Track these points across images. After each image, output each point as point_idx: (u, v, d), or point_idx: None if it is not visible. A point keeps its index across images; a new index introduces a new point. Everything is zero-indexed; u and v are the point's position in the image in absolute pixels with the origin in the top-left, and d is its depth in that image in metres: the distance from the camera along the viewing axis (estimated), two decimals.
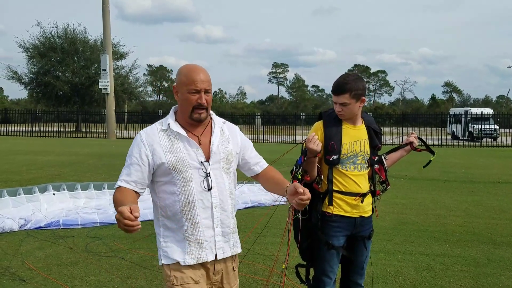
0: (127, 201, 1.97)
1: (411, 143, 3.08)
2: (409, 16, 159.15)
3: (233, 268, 2.30)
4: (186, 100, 2.13)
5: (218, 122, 2.28)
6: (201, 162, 2.13)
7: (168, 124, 2.17)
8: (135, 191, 2.12)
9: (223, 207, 2.17)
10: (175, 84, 2.22)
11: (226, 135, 2.27)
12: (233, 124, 2.40)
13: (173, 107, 2.31)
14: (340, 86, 2.73)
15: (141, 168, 2.11)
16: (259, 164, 2.40)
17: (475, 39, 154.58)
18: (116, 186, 2.12)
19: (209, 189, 2.12)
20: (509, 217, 7.12)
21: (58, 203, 7.05)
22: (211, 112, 2.26)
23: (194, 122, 2.16)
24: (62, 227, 6.05)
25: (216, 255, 2.16)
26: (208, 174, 2.13)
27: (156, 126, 2.20)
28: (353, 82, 2.72)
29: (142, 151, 2.12)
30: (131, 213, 1.74)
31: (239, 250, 2.30)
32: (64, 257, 4.90)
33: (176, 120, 2.20)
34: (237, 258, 2.34)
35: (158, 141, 2.13)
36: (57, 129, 32.93)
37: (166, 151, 2.11)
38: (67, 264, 4.69)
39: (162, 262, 2.17)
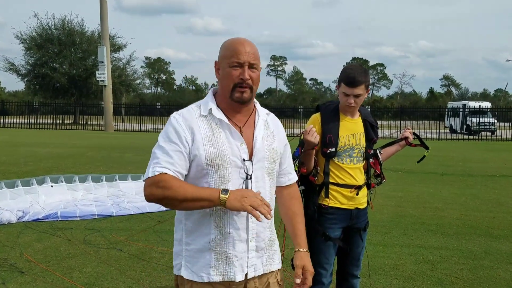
0: (188, 184, 1.69)
1: (406, 138, 3.11)
2: (408, 9, 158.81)
3: (278, 281, 1.91)
4: (226, 76, 1.73)
5: (262, 113, 1.88)
6: (244, 160, 1.73)
7: (210, 109, 1.76)
8: None
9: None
10: (216, 59, 1.83)
11: (271, 129, 1.88)
12: (277, 118, 1.98)
13: (211, 89, 1.90)
14: (357, 78, 2.71)
15: (184, 156, 1.69)
16: (289, 176, 2.00)
17: (474, 33, 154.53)
18: (157, 173, 1.65)
19: None
20: (506, 210, 7.15)
21: (56, 195, 7.05)
22: (255, 100, 1.86)
23: (235, 104, 1.76)
24: (60, 219, 6.05)
25: (246, 274, 1.78)
26: (249, 176, 1.74)
27: (194, 110, 1.77)
28: (365, 73, 2.75)
29: (182, 136, 1.70)
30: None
31: (274, 267, 1.89)
32: (62, 249, 4.90)
33: (217, 104, 1.80)
34: (280, 273, 1.95)
35: (198, 127, 1.72)
36: (54, 121, 32.85)
37: (206, 141, 1.70)
38: (65, 256, 4.69)
39: (181, 273, 1.84)
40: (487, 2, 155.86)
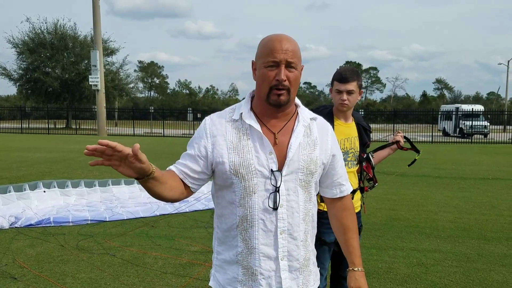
0: (169, 175, 1.64)
1: (397, 142, 3.13)
2: (400, 13, 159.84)
3: None
4: (262, 77, 1.59)
5: (305, 117, 1.68)
6: (272, 170, 1.59)
7: (241, 113, 1.64)
8: (184, 183, 1.67)
9: (292, 233, 1.62)
10: (253, 59, 1.68)
11: (314, 137, 1.68)
12: (326, 122, 1.78)
13: (250, 91, 1.74)
14: (349, 74, 2.75)
15: (196, 161, 1.64)
16: (341, 188, 1.79)
17: (466, 36, 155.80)
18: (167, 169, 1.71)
19: (275, 209, 1.59)
20: (499, 213, 7.19)
21: (49, 200, 7.01)
22: (298, 102, 1.70)
23: (272, 108, 1.62)
24: (53, 225, 6.01)
25: None
26: (277, 189, 1.59)
27: (226, 114, 1.68)
28: (357, 73, 2.80)
29: (202, 142, 1.63)
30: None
31: None
32: (55, 255, 4.86)
33: (251, 108, 1.67)
34: None
35: (224, 133, 1.62)
36: (47, 126, 32.67)
37: (231, 149, 1.60)
38: (58, 261, 4.66)
39: (210, 283, 1.76)
40: (479, 6, 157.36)
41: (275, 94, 1.57)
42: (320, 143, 1.69)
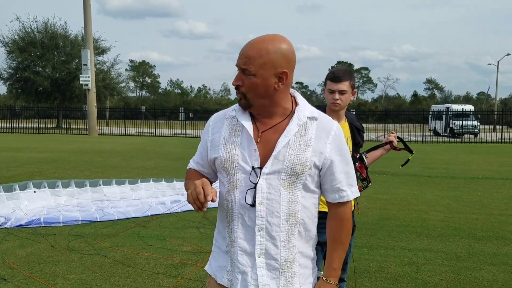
0: (194, 178, 1.72)
1: (390, 142, 3.14)
2: (392, 14, 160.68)
3: None
4: None
5: (301, 116, 1.64)
6: (253, 167, 1.61)
7: (236, 109, 1.70)
8: (205, 176, 1.77)
9: (270, 232, 1.61)
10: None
11: (308, 137, 1.63)
12: (333, 121, 1.71)
13: None
14: (341, 73, 2.75)
15: (202, 155, 1.77)
16: (341, 193, 1.71)
17: (457, 37, 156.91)
18: (188, 168, 1.86)
19: (252, 205, 1.60)
20: (489, 212, 7.25)
21: (39, 200, 6.95)
22: (299, 99, 1.69)
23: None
24: (43, 225, 5.96)
25: None
26: (255, 186, 1.60)
27: (228, 111, 1.74)
28: (350, 73, 2.80)
29: (205, 138, 1.75)
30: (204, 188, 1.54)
31: None
32: (45, 255, 4.83)
33: None
34: None
35: (220, 129, 1.70)
36: (37, 126, 32.40)
37: (222, 144, 1.66)
38: (48, 262, 4.62)
39: (205, 267, 1.83)
40: (468, 8, 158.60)
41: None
42: (314, 144, 1.62)
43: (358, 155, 2.96)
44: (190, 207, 6.95)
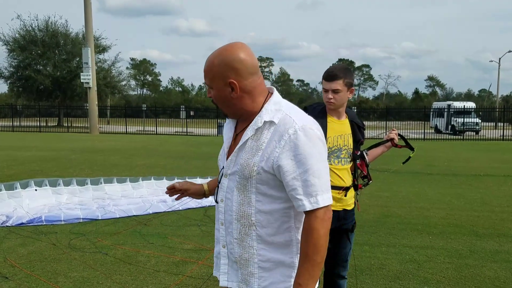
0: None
1: (391, 139, 3.14)
2: (392, 11, 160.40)
3: None
4: None
5: (259, 120, 1.63)
6: (223, 167, 1.76)
7: None
8: None
9: (227, 228, 1.72)
10: None
11: (260, 142, 1.62)
12: (293, 125, 1.59)
13: None
14: (334, 72, 2.75)
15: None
16: (297, 202, 1.60)
17: (458, 34, 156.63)
18: None
19: (217, 201, 1.77)
20: (491, 209, 7.24)
21: (40, 199, 6.95)
22: (271, 100, 1.67)
23: None
24: (44, 223, 5.97)
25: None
26: (218, 184, 1.76)
27: None
28: (345, 70, 2.78)
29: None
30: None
31: None
32: (47, 254, 4.83)
33: None
34: None
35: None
36: (38, 124, 32.40)
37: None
38: (50, 260, 4.63)
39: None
40: (469, 4, 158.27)
41: None
42: (264, 149, 1.60)
43: (359, 152, 2.95)
44: (191, 205, 7.00)
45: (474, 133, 31.66)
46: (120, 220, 6.27)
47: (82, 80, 29.47)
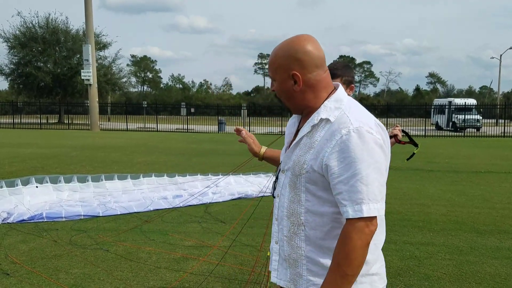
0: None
1: (395, 135, 3.12)
2: (393, 7, 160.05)
3: None
4: None
5: (316, 117, 1.57)
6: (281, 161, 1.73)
7: None
8: None
9: (280, 224, 1.67)
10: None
11: (313, 139, 1.55)
12: (347, 126, 1.48)
13: None
14: (332, 71, 2.72)
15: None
16: (342, 208, 1.47)
17: (459, 31, 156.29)
18: None
19: (273, 196, 1.74)
20: (491, 206, 7.24)
21: (41, 195, 6.96)
22: (332, 98, 1.58)
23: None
24: (45, 220, 5.98)
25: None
26: (276, 180, 1.73)
27: None
28: (344, 68, 2.75)
29: None
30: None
31: None
32: (48, 250, 4.84)
33: None
34: None
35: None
36: (39, 121, 32.43)
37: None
38: (51, 257, 4.64)
39: None
40: (470, 2, 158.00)
41: None
42: (316, 147, 1.53)
43: None
44: (192, 202, 7.00)
45: (475, 130, 31.63)
46: (121, 216, 6.28)
47: (82, 77, 29.43)
